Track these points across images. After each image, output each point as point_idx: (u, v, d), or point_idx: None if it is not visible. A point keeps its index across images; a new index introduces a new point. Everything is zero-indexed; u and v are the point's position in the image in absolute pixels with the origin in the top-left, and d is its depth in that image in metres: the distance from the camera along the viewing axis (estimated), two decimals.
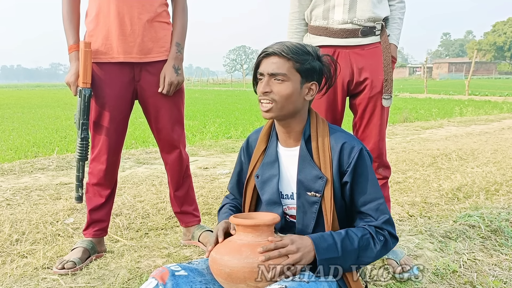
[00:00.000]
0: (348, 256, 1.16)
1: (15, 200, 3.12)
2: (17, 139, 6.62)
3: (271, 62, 1.22)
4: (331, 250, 1.14)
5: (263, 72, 1.23)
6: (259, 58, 1.25)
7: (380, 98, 1.86)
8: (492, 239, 2.29)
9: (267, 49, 1.24)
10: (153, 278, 1.14)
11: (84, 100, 1.92)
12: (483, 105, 12.36)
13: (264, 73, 1.23)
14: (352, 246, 1.17)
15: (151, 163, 4.55)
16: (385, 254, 1.29)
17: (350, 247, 1.16)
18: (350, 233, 1.19)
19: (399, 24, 1.95)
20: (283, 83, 1.23)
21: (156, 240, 2.36)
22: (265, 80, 1.23)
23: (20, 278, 1.88)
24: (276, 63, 1.22)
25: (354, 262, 1.19)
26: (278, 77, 1.22)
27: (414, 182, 3.60)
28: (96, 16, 1.93)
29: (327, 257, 1.14)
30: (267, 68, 1.22)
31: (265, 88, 1.22)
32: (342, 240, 1.16)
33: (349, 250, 1.16)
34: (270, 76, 1.22)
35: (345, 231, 1.20)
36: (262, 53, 1.24)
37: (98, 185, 2.07)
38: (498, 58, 66.64)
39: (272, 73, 1.22)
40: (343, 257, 1.16)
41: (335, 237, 1.17)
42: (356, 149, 1.24)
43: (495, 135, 6.57)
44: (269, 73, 1.22)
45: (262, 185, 1.34)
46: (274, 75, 1.22)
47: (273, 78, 1.22)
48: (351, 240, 1.17)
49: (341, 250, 1.15)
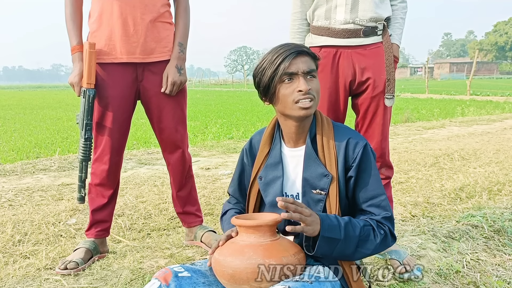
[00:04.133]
0: (348, 242, 1.16)
1: (17, 201, 3.12)
2: (19, 140, 6.63)
3: (302, 61, 1.22)
4: (335, 231, 1.15)
5: (297, 71, 1.21)
6: (287, 61, 1.21)
7: (383, 98, 1.86)
8: (495, 239, 2.28)
9: (292, 49, 1.22)
10: (156, 279, 1.14)
11: (89, 100, 1.92)
12: (485, 105, 12.34)
13: (299, 72, 1.22)
14: (354, 233, 1.17)
15: (153, 164, 4.56)
16: (383, 250, 1.29)
17: (352, 233, 1.17)
18: (353, 221, 1.20)
19: (401, 24, 1.95)
20: (315, 80, 1.25)
21: (158, 240, 2.36)
22: (301, 78, 1.22)
23: (23, 278, 1.88)
24: (306, 61, 1.23)
25: (353, 251, 1.18)
26: (313, 74, 1.24)
27: (416, 182, 3.59)
28: (99, 17, 1.93)
29: (330, 236, 1.14)
30: (301, 66, 1.22)
31: (308, 84, 1.22)
32: (345, 225, 1.17)
33: (351, 235, 1.16)
34: (306, 74, 1.22)
35: (349, 218, 1.20)
36: (289, 54, 1.21)
37: (101, 186, 2.06)
38: (499, 58, 66.55)
39: (308, 71, 1.23)
40: (344, 242, 1.15)
41: (340, 220, 1.17)
42: (361, 144, 1.25)
43: (497, 135, 6.56)
44: (305, 71, 1.22)
45: (265, 187, 1.33)
46: (310, 72, 1.23)
47: (308, 76, 1.23)
48: (354, 227, 1.18)
49: (344, 233, 1.15)
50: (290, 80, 1.22)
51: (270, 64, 1.22)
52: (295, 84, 1.22)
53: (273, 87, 1.24)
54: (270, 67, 1.22)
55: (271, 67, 1.22)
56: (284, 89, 1.22)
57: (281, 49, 1.22)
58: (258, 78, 1.26)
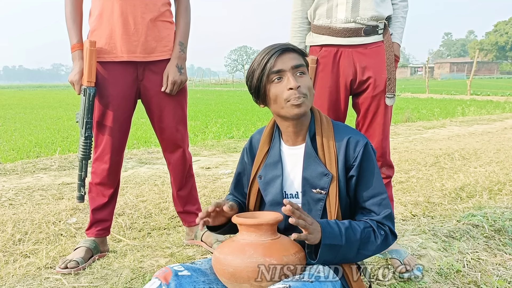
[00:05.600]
0: (350, 246, 1.16)
1: (17, 200, 3.12)
2: (19, 139, 6.63)
3: (288, 58, 1.21)
4: (336, 238, 1.14)
5: (284, 68, 1.20)
6: (273, 59, 1.19)
7: (384, 97, 1.86)
8: (496, 239, 2.28)
9: (278, 47, 1.21)
10: (156, 278, 1.14)
11: (89, 99, 1.92)
12: (485, 105, 12.33)
13: (286, 69, 1.20)
14: (355, 237, 1.17)
15: (153, 163, 4.56)
16: (384, 250, 1.29)
17: (353, 238, 1.16)
18: (353, 224, 1.19)
19: (402, 23, 1.94)
20: (305, 76, 1.23)
21: (159, 240, 2.36)
22: (289, 75, 1.20)
23: (23, 277, 1.88)
24: (293, 58, 1.21)
25: (355, 254, 1.18)
26: (301, 69, 1.22)
27: (417, 181, 3.59)
28: (100, 16, 1.93)
29: (331, 243, 1.13)
30: (288, 63, 1.20)
31: (297, 81, 1.19)
32: (346, 229, 1.16)
33: (352, 240, 1.16)
34: (294, 69, 1.21)
35: (349, 221, 1.20)
36: (274, 52, 1.20)
37: (101, 185, 2.06)
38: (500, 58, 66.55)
39: (295, 65, 1.20)
40: (346, 247, 1.15)
41: (340, 226, 1.17)
42: (362, 143, 1.24)
43: (497, 135, 6.56)
44: (293, 66, 1.20)
45: (265, 186, 1.33)
46: (297, 67, 1.21)
47: (296, 72, 1.21)
48: (354, 231, 1.18)
49: (345, 239, 1.15)
50: (280, 80, 1.21)
51: (258, 65, 1.22)
52: (285, 82, 1.20)
53: (262, 87, 1.23)
54: (258, 68, 1.22)
55: (259, 68, 1.21)
56: (274, 89, 1.21)
57: (267, 49, 1.22)
58: (249, 81, 1.26)
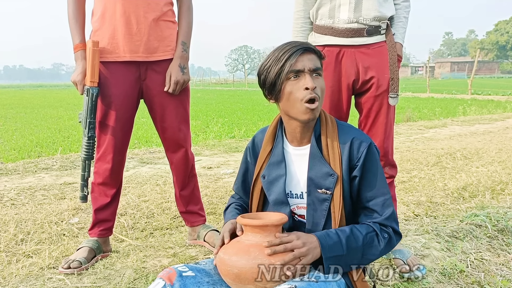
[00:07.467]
0: (353, 254, 1.16)
1: (19, 200, 3.12)
2: (20, 139, 6.63)
3: (308, 59, 1.20)
4: (337, 248, 1.14)
5: (304, 68, 1.19)
6: (294, 57, 1.19)
7: (386, 97, 1.85)
8: (499, 239, 2.28)
9: (300, 46, 1.20)
10: (161, 279, 1.14)
11: (92, 99, 1.91)
12: (486, 104, 12.32)
13: (305, 69, 1.20)
14: (357, 243, 1.16)
15: (155, 163, 4.55)
16: (389, 251, 1.29)
17: (355, 245, 1.16)
18: (355, 231, 1.19)
19: (404, 23, 1.94)
20: (320, 78, 1.23)
21: (161, 240, 2.35)
22: (307, 76, 1.20)
23: (26, 278, 1.88)
24: (312, 59, 1.21)
25: (359, 260, 1.18)
26: (319, 72, 1.22)
27: (419, 181, 3.58)
28: (102, 16, 1.93)
29: (333, 255, 1.13)
30: (308, 64, 1.20)
31: (314, 82, 1.19)
32: (347, 238, 1.16)
33: (354, 248, 1.16)
34: (312, 71, 1.21)
35: (350, 228, 1.19)
36: (295, 51, 1.19)
37: (104, 185, 2.06)
38: (500, 57, 66.46)
39: (314, 68, 1.21)
40: (348, 255, 1.15)
41: (340, 235, 1.16)
42: (365, 144, 1.24)
43: (499, 134, 6.54)
44: (311, 69, 1.20)
45: (268, 185, 1.33)
46: (316, 70, 1.21)
47: (314, 74, 1.21)
48: (356, 238, 1.17)
49: (346, 248, 1.15)
50: (296, 78, 1.20)
51: (276, 61, 1.21)
52: (302, 82, 1.20)
53: (279, 84, 1.22)
54: (276, 64, 1.20)
55: (277, 64, 1.20)
56: (290, 86, 1.21)
57: (287, 46, 1.21)
58: (264, 76, 1.25)
